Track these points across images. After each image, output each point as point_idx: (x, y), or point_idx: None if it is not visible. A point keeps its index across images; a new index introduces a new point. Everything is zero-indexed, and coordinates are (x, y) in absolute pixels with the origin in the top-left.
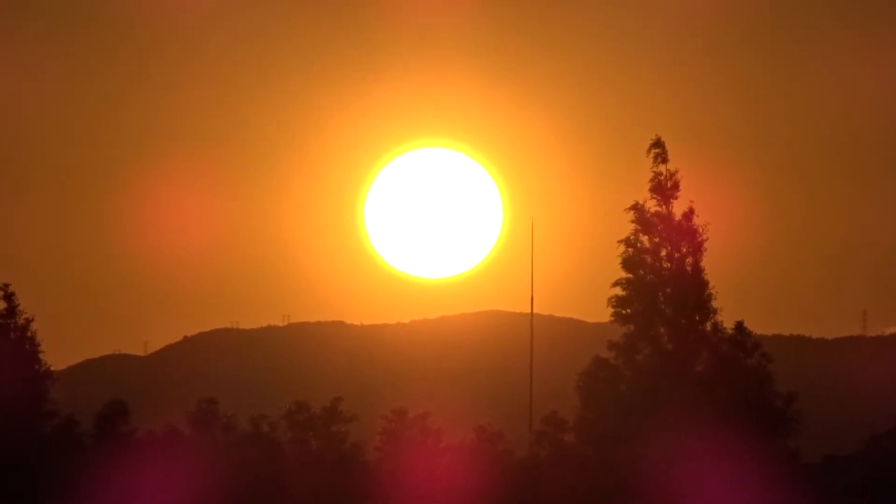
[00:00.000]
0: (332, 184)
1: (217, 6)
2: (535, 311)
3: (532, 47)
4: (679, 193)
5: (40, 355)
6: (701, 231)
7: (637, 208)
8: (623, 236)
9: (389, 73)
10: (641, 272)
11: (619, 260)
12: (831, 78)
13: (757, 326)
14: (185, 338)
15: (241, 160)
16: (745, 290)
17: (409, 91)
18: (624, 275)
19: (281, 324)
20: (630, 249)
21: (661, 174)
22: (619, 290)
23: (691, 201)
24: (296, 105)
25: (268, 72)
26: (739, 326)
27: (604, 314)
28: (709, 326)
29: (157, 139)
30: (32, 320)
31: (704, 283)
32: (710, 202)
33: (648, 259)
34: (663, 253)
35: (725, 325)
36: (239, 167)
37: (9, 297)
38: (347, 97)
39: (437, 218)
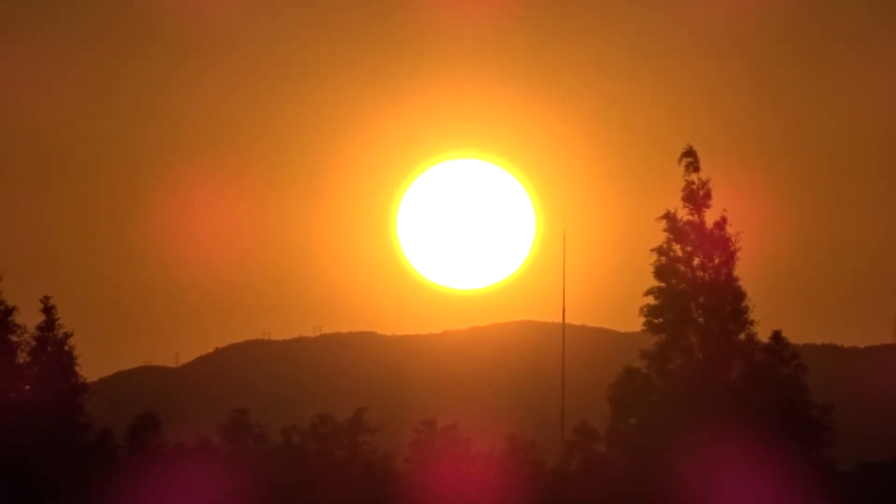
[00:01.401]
0: (365, 194)
1: (249, 9)
2: (566, 321)
3: (563, 57)
4: (711, 202)
5: (76, 368)
6: (734, 240)
7: (669, 217)
8: (655, 245)
9: (420, 82)
10: (674, 281)
11: (652, 269)
12: (863, 84)
13: (790, 335)
14: (217, 349)
15: (273, 169)
16: (777, 299)
17: (440, 100)
18: (656, 284)
19: (312, 335)
20: (662, 258)
21: (692, 183)
22: (651, 300)
23: (724, 210)
24: (328, 113)
25: (301, 78)
26: (777, 335)
27: (635, 324)
28: (743, 336)
29: (188, 148)
30: (71, 335)
31: (741, 293)
32: (742, 211)
33: (681, 268)
34: (696, 262)
35: (760, 335)
36: (271, 176)
37: (48, 311)
38: (379, 106)
39: (469, 229)
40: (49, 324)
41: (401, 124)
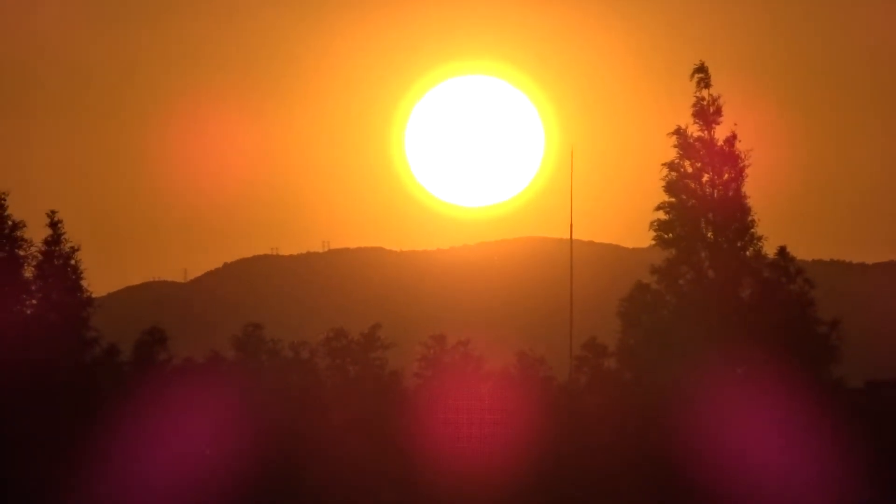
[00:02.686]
0: (372, 110)
1: None
2: (574, 237)
3: None
4: (722, 119)
5: (82, 282)
6: (743, 157)
7: (680, 133)
8: (665, 161)
9: None
10: (684, 197)
11: (662, 184)
12: (876, 5)
13: (798, 252)
14: (225, 264)
15: (281, 85)
16: (786, 216)
17: (447, 13)
18: (666, 199)
19: (321, 250)
20: (673, 174)
21: (703, 99)
22: (661, 215)
23: (734, 125)
24: (334, 31)
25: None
26: (782, 251)
27: (644, 240)
28: (751, 252)
29: (198, 67)
30: (78, 249)
31: (747, 209)
32: (752, 128)
33: (691, 184)
34: (705, 178)
35: (767, 250)
36: (278, 96)
37: (54, 225)
38: (387, 19)
39: (478, 146)
40: (55, 238)
41: (408, 37)
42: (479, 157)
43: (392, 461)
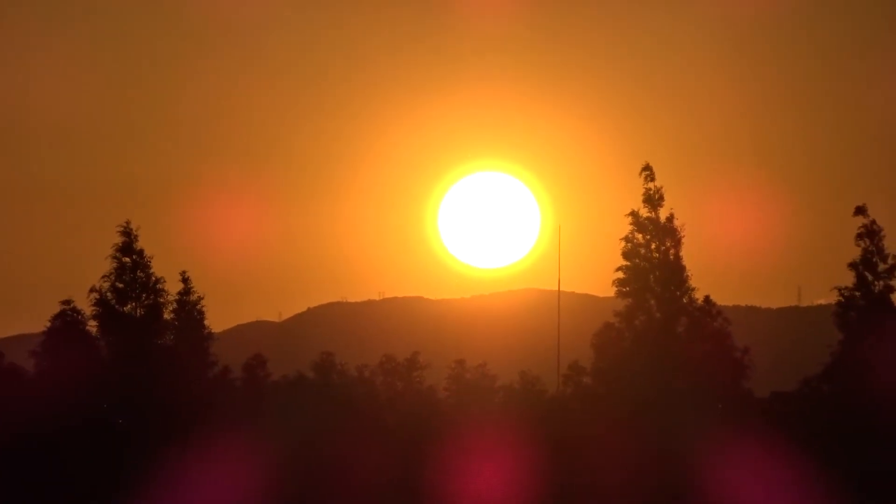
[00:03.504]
0: (416, 195)
1: (290, 11)
2: (562, 289)
3: (556, 102)
4: (663, 203)
5: (205, 322)
6: (679, 230)
7: (633, 214)
8: (623, 235)
9: (451, 109)
10: (637, 261)
11: (621, 252)
12: (769, 103)
13: (719, 298)
14: (308, 308)
15: (347, 177)
16: (710, 272)
17: (470, 122)
18: (624, 263)
19: (377, 298)
20: (628, 244)
21: (650, 189)
22: (620, 274)
23: (672, 209)
24: (389, 132)
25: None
26: (707, 299)
27: (610, 291)
28: (685, 299)
29: (281, 150)
30: (202, 298)
31: (682, 268)
32: (686, 209)
33: (642, 251)
34: (653, 246)
35: (697, 297)
36: (348, 181)
37: (185, 280)
38: (422, 128)
39: (491, 223)
40: (186, 290)
41: (442, 140)
42: (492, 232)
43: (429, 448)
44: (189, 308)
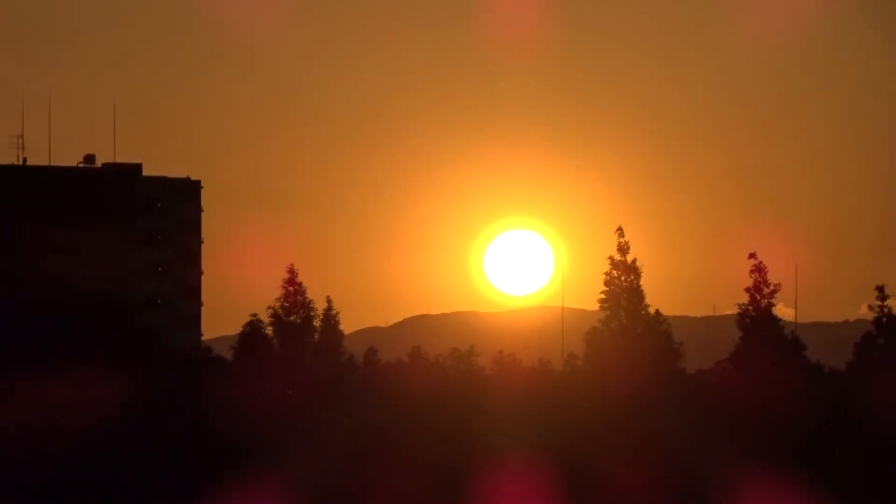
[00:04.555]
0: (468, 242)
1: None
2: (565, 305)
3: (557, 169)
4: (629, 250)
5: (339, 328)
6: (639, 268)
7: (611, 258)
8: (605, 270)
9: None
10: (613, 287)
11: (603, 282)
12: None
13: (665, 310)
14: (405, 318)
15: (417, 227)
16: (659, 293)
17: (504, 185)
18: (604, 288)
19: (448, 311)
20: (608, 276)
21: (621, 242)
22: (602, 296)
23: (636, 256)
24: (442, 193)
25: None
26: (657, 312)
27: (597, 306)
28: (643, 312)
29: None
30: (338, 313)
31: (641, 292)
32: (645, 252)
33: (616, 281)
34: (622, 279)
35: (651, 310)
36: (420, 230)
37: (329, 302)
38: (467, 187)
39: (520, 266)
40: (329, 307)
41: (489, 199)
42: (520, 271)
43: (479, 404)
44: (330, 319)
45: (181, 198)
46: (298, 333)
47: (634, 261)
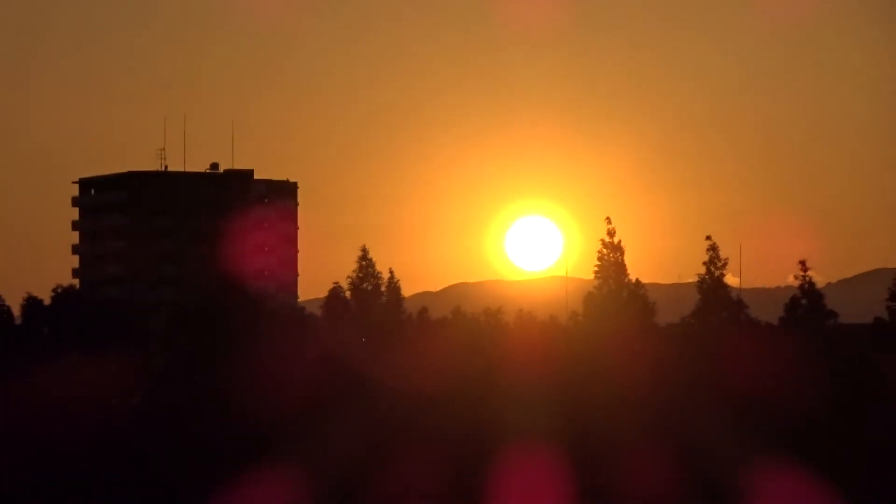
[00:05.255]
0: (489, 222)
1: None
2: (569, 275)
3: (568, 167)
4: (615, 234)
5: (401, 293)
6: (623, 248)
7: (602, 240)
8: (598, 249)
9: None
10: (603, 262)
11: (597, 257)
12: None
13: (643, 279)
14: (449, 285)
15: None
16: (638, 265)
17: (526, 173)
18: (597, 262)
19: (482, 280)
20: (599, 253)
21: (610, 229)
22: (595, 268)
23: (620, 237)
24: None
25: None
26: (637, 280)
27: (592, 276)
28: (626, 280)
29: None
30: (399, 281)
31: (624, 266)
32: (627, 234)
33: (606, 258)
34: (611, 256)
35: (632, 279)
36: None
37: (391, 272)
38: (488, 173)
39: (536, 245)
40: (392, 275)
41: (513, 185)
42: (536, 250)
43: (505, 354)
44: (393, 286)
45: (283, 195)
46: (369, 297)
47: (620, 242)
